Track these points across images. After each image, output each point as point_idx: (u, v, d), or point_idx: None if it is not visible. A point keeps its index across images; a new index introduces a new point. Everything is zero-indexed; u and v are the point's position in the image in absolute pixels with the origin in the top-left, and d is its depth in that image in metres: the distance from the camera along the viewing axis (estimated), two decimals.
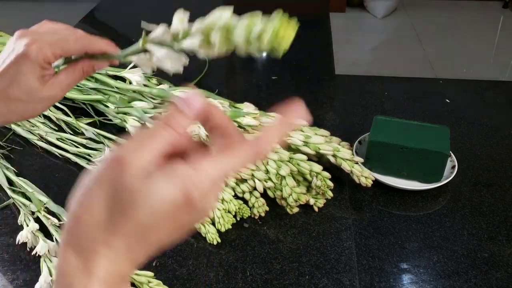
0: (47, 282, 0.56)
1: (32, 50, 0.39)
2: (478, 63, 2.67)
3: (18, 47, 0.39)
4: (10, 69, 0.39)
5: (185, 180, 0.25)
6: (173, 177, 0.25)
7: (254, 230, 0.66)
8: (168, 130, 0.27)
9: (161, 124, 0.27)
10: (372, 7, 3.28)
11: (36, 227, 0.63)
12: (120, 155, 0.25)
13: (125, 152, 0.26)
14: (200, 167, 0.26)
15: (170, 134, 0.27)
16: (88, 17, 1.41)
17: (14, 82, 0.39)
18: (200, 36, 0.33)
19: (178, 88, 0.85)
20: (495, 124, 0.88)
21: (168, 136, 0.27)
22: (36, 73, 0.40)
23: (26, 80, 0.39)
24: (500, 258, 0.62)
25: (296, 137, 0.71)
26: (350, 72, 1.11)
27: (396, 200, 0.71)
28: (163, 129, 0.27)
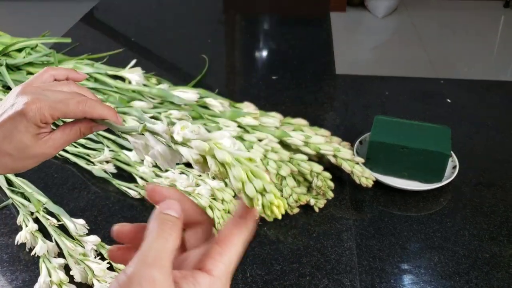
0: (46, 282, 0.55)
1: (31, 110, 0.39)
2: (480, 63, 2.66)
3: (18, 104, 0.39)
4: (6, 124, 0.39)
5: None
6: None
7: None
8: (173, 236, 0.28)
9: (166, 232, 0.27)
10: (372, 7, 3.28)
11: (35, 228, 0.63)
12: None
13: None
14: (218, 272, 0.27)
15: (175, 239, 0.28)
16: (87, 16, 1.41)
17: (7, 137, 0.39)
18: (197, 154, 0.32)
19: (177, 87, 0.84)
20: (497, 124, 0.88)
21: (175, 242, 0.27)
22: (31, 131, 0.40)
23: (20, 137, 0.39)
24: (501, 258, 0.61)
25: (297, 137, 0.70)
26: (350, 72, 1.11)
27: (397, 201, 0.70)
28: (169, 236, 0.27)
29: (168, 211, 0.28)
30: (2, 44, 0.98)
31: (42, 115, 0.39)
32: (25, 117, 0.39)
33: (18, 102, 0.39)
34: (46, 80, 0.44)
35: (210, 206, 0.64)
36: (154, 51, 1.19)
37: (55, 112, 0.39)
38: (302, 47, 1.20)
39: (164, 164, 0.36)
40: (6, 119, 0.39)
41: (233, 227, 0.30)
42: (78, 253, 0.58)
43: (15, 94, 0.41)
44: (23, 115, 0.39)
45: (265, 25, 1.41)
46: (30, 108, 0.39)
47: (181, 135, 0.33)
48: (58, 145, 0.42)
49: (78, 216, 0.65)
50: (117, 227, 0.32)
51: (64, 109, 0.40)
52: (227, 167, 0.30)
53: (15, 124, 0.39)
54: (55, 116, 0.40)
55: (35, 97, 0.39)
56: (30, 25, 3.13)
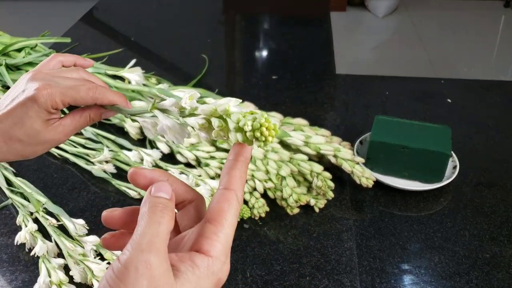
0: (46, 282, 0.55)
1: (42, 96, 0.39)
2: (480, 63, 2.66)
3: (29, 90, 0.39)
4: (17, 110, 0.39)
5: (216, 273, 0.27)
6: (205, 275, 0.27)
7: (254, 231, 0.65)
8: (166, 218, 0.27)
9: (157, 215, 0.27)
10: (373, 7, 3.27)
11: (34, 228, 0.62)
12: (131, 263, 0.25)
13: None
14: (216, 252, 0.28)
15: (168, 222, 0.27)
16: (87, 16, 1.41)
17: (18, 123, 0.39)
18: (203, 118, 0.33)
19: (177, 87, 0.84)
20: (497, 124, 0.87)
21: (168, 224, 0.27)
22: (42, 117, 0.40)
23: (31, 123, 0.39)
24: (502, 258, 0.61)
25: (297, 137, 0.70)
26: (351, 72, 1.11)
27: (397, 201, 0.70)
28: (162, 218, 0.27)
29: (159, 194, 0.28)
30: (1, 44, 0.97)
31: (53, 101, 0.39)
32: (36, 102, 0.39)
33: (28, 88, 0.39)
34: (55, 67, 0.45)
35: None
36: (154, 51, 1.19)
37: (66, 98, 0.40)
38: (302, 47, 1.20)
39: (173, 138, 0.36)
40: (17, 105, 0.39)
41: (222, 200, 0.29)
42: (77, 253, 0.58)
43: (25, 80, 0.40)
44: (34, 101, 0.39)
45: (265, 25, 1.41)
46: (41, 94, 0.39)
47: (189, 104, 0.34)
48: (68, 131, 0.42)
49: (78, 216, 0.65)
50: (106, 213, 0.32)
51: (75, 95, 0.40)
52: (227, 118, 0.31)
53: (26, 110, 0.39)
54: (66, 102, 0.40)
55: (46, 83, 0.39)
56: (30, 25, 3.13)
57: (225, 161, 0.69)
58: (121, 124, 0.84)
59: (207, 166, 0.70)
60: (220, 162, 0.70)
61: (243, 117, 0.30)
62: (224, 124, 0.31)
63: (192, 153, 0.73)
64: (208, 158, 0.71)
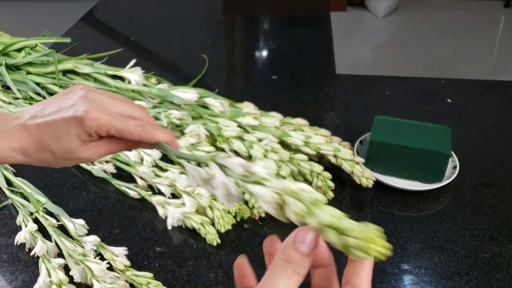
0: (46, 282, 0.55)
1: (90, 120, 0.38)
2: (480, 63, 2.66)
3: (77, 108, 0.38)
4: (60, 124, 0.38)
5: None
6: None
7: (254, 231, 0.65)
8: (296, 277, 0.26)
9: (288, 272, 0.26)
10: (372, 7, 3.28)
11: (34, 228, 0.62)
12: None
13: None
14: None
15: (298, 281, 0.26)
16: (87, 16, 1.41)
17: (57, 137, 0.38)
18: (276, 198, 0.29)
19: (177, 87, 0.84)
20: (497, 124, 0.87)
21: (298, 282, 0.26)
22: (82, 138, 0.39)
23: (69, 141, 0.39)
24: (502, 258, 0.61)
25: (297, 137, 0.70)
26: (350, 72, 1.11)
27: (397, 201, 0.70)
28: (292, 276, 0.26)
29: (299, 246, 0.26)
30: (1, 44, 0.97)
31: (98, 128, 0.38)
32: (81, 124, 0.38)
33: (78, 105, 0.38)
34: None
35: (210, 207, 0.64)
36: (154, 51, 1.19)
37: (112, 130, 0.39)
38: (302, 47, 1.20)
39: (222, 198, 0.33)
40: (61, 119, 0.38)
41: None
42: (77, 253, 0.58)
43: (77, 96, 0.39)
44: (80, 122, 0.38)
45: (265, 25, 1.41)
46: (89, 118, 0.38)
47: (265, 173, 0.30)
48: (102, 153, 0.41)
49: (78, 216, 0.65)
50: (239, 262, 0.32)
51: (122, 129, 0.39)
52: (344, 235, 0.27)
53: (68, 128, 0.38)
54: (111, 132, 0.39)
55: (97, 107, 0.39)
56: (30, 25, 3.13)
57: None
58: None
59: (207, 166, 0.70)
60: None
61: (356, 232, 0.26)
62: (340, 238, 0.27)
63: (192, 152, 0.73)
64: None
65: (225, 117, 0.75)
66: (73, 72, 0.91)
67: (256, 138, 0.70)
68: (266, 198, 0.29)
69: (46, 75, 0.92)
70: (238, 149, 0.70)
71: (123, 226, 0.67)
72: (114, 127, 0.39)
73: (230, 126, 0.73)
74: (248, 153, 0.69)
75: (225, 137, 0.71)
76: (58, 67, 0.90)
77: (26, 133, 0.38)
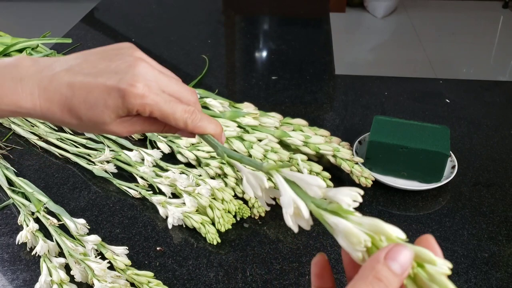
0: (47, 282, 0.56)
1: (134, 97, 0.32)
2: (478, 63, 2.67)
3: (125, 78, 0.32)
4: (98, 90, 0.32)
5: None
6: None
7: (254, 230, 0.66)
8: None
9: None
10: (372, 7, 3.28)
11: (35, 227, 0.63)
12: None
13: None
14: None
15: None
16: (88, 17, 1.41)
17: (89, 103, 0.32)
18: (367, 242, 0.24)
19: None
20: (495, 124, 0.88)
21: None
22: (119, 113, 0.33)
23: (102, 112, 0.33)
24: (500, 258, 0.62)
25: (296, 137, 0.71)
26: (350, 72, 1.11)
27: (396, 200, 0.71)
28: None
29: (392, 263, 0.23)
30: (3, 45, 0.98)
31: (142, 107, 0.33)
32: (122, 98, 0.32)
33: (125, 75, 0.32)
34: None
35: (210, 206, 0.65)
36: (154, 51, 1.19)
37: (157, 112, 0.33)
38: (302, 47, 1.20)
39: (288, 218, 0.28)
40: (100, 85, 0.32)
41: None
42: (78, 252, 0.59)
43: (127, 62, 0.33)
44: (122, 96, 0.32)
45: (265, 25, 1.41)
46: (135, 94, 0.32)
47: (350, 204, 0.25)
48: (134, 130, 0.35)
49: (79, 216, 0.66)
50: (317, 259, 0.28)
51: (168, 114, 0.34)
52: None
53: (106, 97, 0.32)
54: (154, 114, 0.34)
55: (146, 83, 0.33)
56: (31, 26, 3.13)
57: None
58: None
59: (207, 166, 0.71)
60: (221, 162, 0.70)
61: None
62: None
63: (193, 153, 0.73)
64: (208, 158, 0.72)
65: (225, 117, 0.76)
66: None
67: (256, 138, 0.70)
68: (353, 239, 0.23)
69: None
70: (238, 149, 0.70)
71: (124, 226, 0.67)
72: (159, 110, 0.33)
73: (230, 126, 0.73)
74: (248, 153, 0.69)
75: None
76: None
77: (53, 89, 0.32)
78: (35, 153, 0.82)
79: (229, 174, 0.68)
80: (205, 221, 0.64)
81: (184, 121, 0.34)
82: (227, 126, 0.73)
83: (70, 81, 0.32)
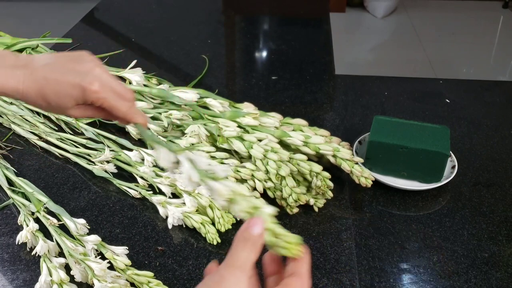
0: (47, 282, 0.56)
1: (91, 92, 0.44)
2: (478, 63, 2.67)
3: (85, 78, 0.44)
4: (66, 84, 0.44)
5: None
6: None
7: None
8: (254, 252, 0.34)
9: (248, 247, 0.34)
10: (372, 7, 3.28)
11: (35, 227, 0.63)
12: None
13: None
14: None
15: (255, 254, 0.34)
16: (88, 17, 1.41)
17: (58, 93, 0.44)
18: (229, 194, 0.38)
19: (177, 88, 0.85)
20: (495, 124, 0.88)
21: (255, 256, 0.34)
22: (78, 101, 0.45)
23: (67, 99, 0.45)
24: (500, 258, 0.62)
25: (296, 137, 0.71)
26: (350, 72, 1.11)
27: (396, 200, 0.71)
28: (251, 251, 0.34)
29: (254, 228, 0.35)
30: (3, 45, 0.98)
31: (96, 99, 0.45)
32: (83, 92, 0.44)
33: (86, 76, 0.44)
34: None
35: (210, 206, 0.65)
36: (154, 51, 1.19)
37: (105, 104, 0.45)
38: (302, 47, 1.20)
39: (185, 181, 0.41)
40: (68, 81, 0.44)
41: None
42: (78, 252, 0.59)
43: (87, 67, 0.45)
44: (83, 90, 0.44)
45: (265, 25, 1.41)
46: (92, 90, 0.44)
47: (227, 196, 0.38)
48: (86, 115, 0.47)
49: (79, 216, 0.66)
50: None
51: (113, 106, 0.46)
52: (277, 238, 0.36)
53: (71, 90, 0.44)
54: (103, 106, 0.45)
55: (101, 83, 0.45)
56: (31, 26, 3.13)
57: (225, 161, 0.69)
58: (122, 125, 0.84)
59: None
60: (221, 162, 0.70)
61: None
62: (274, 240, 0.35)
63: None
64: (208, 158, 0.72)
65: (225, 117, 0.76)
66: None
67: (256, 138, 0.70)
68: (221, 192, 0.38)
69: None
70: (238, 149, 0.70)
71: (124, 226, 0.67)
72: (108, 103, 0.45)
73: (230, 126, 0.73)
74: (248, 153, 0.69)
75: (225, 137, 0.72)
76: None
77: (32, 79, 0.44)
78: (35, 153, 0.82)
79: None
80: (205, 221, 0.64)
81: (123, 113, 0.47)
82: (227, 126, 0.73)
83: (45, 76, 0.44)
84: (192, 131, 0.74)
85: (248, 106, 0.80)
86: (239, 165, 0.69)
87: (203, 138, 0.73)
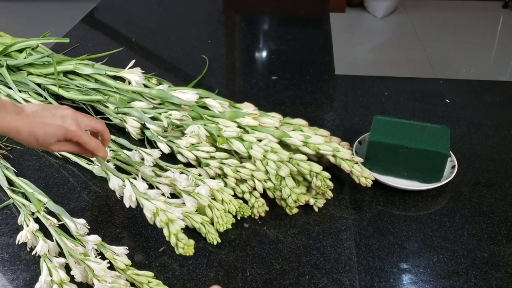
0: (47, 282, 0.56)
1: (71, 132, 0.59)
2: (478, 63, 2.67)
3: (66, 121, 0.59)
4: (52, 127, 0.58)
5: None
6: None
7: (254, 230, 0.66)
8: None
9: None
10: (372, 7, 3.28)
11: (36, 227, 0.63)
12: None
13: None
14: None
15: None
16: (88, 17, 1.41)
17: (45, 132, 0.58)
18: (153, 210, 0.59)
19: (177, 88, 0.85)
20: (495, 124, 0.88)
21: None
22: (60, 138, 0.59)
23: (51, 137, 0.58)
24: (500, 258, 0.62)
25: (296, 137, 0.71)
26: (350, 72, 1.11)
27: (396, 200, 0.71)
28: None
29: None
30: (2, 45, 0.98)
31: (74, 137, 0.60)
32: (64, 132, 0.59)
33: (66, 120, 0.59)
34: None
35: (209, 206, 0.65)
36: (154, 51, 1.19)
37: (80, 140, 0.61)
38: (302, 47, 1.20)
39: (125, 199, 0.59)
40: (54, 124, 0.58)
41: None
42: (78, 252, 0.59)
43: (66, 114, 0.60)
44: (64, 131, 0.59)
45: (265, 25, 1.41)
46: (71, 130, 0.59)
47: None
48: (64, 149, 0.62)
49: (79, 216, 0.66)
50: None
51: (86, 142, 0.61)
52: None
53: (55, 131, 0.58)
54: (78, 141, 0.61)
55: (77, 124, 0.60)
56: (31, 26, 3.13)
57: (225, 161, 0.69)
58: (121, 125, 0.84)
59: (207, 166, 0.71)
60: (220, 162, 0.70)
61: None
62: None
63: (193, 153, 0.73)
64: (208, 158, 0.72)
65: (224, 118, 0.76)
66: (73, 73, 0.91)
67: (256, 138, 0.70)
68: (148, 208, 0.58)
69: (47, 75, 0.92)
70: (238, 149, 0.70)
71: (124, 226, 0.67)
72: (82, 140, 0.61)
73: (230, 127, 0.73)
74: (248, 153, 0.69)
75: (225, 137, 0.72)
76: (59, 68, 0.90)
77: (27, 121, 0.57)
78: (35, 153, 0.82)
79: (229, 174, 0.68)
80: (205, 221, 0.64)
81: (92, 148, 0.62)
82: (227, 126, 0.73)
83: (37, 120, 0.58)
84: (192, 131, 0.74)
85: (248, 106, 0.80)
86: (239, 165, 0.69)
87: (203, 138, 0.74)
